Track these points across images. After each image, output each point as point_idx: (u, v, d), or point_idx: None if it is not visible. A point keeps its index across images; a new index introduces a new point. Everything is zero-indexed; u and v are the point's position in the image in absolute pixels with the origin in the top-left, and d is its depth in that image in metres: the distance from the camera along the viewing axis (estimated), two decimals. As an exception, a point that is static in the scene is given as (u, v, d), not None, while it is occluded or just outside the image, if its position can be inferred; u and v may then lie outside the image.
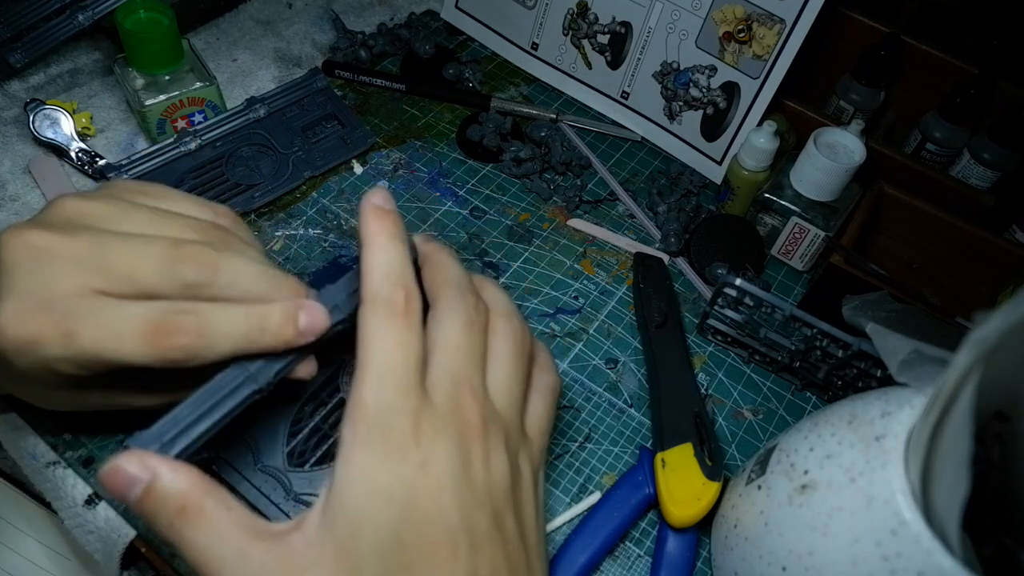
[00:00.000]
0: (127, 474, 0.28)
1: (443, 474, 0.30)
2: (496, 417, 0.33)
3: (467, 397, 0.32)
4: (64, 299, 0.30)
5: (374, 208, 0.33)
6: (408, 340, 0.31)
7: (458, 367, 0.32)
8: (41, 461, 0.43)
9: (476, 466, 0.31)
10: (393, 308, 0.31)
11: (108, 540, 0.41)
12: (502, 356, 0.34)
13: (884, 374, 0.46)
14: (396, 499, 0.29)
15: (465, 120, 0.63)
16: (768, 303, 0.47)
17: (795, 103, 0.59)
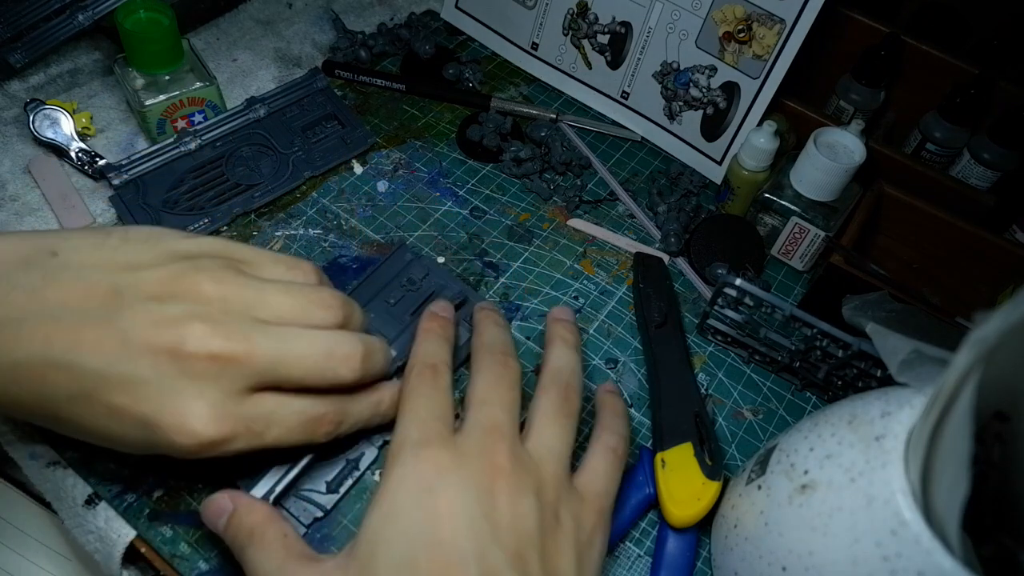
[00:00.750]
0: (218, 505, 0.36)
1: (460, 504, 0.32)
2: (529, 463, 0.35)
3: (495, 440, 0.35)
4: (249, 401, 0.35)
5: (430, 313, 0.43)
6: (431, 395, 0.37)
7: (486, 417, 0.36)
8: (41, 461, 0.43)
9: (500, 504, 0.33)
10: (422, 376, 0.38)
11: (108, 540, 0.41)
12: (542, 410, 0.38)
13: (884, 374, 0.46)
14: (412, 521, 0.32)
15: (465, 120, 0.63)
16: (768, 303, 0.47)
17: (795, 103, 0.59)
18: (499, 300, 0.52)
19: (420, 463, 0.34)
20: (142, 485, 0.42)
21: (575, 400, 0.39)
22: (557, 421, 0.38)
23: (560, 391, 0.39)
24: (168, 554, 0.40)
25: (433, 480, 0.33)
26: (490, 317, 0.43)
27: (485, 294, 0.52)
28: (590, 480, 0.38)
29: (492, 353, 0.39)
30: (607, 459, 0.39)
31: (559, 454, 0.37)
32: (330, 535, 0.41)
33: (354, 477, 0.43)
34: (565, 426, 0.38)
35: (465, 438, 0.35)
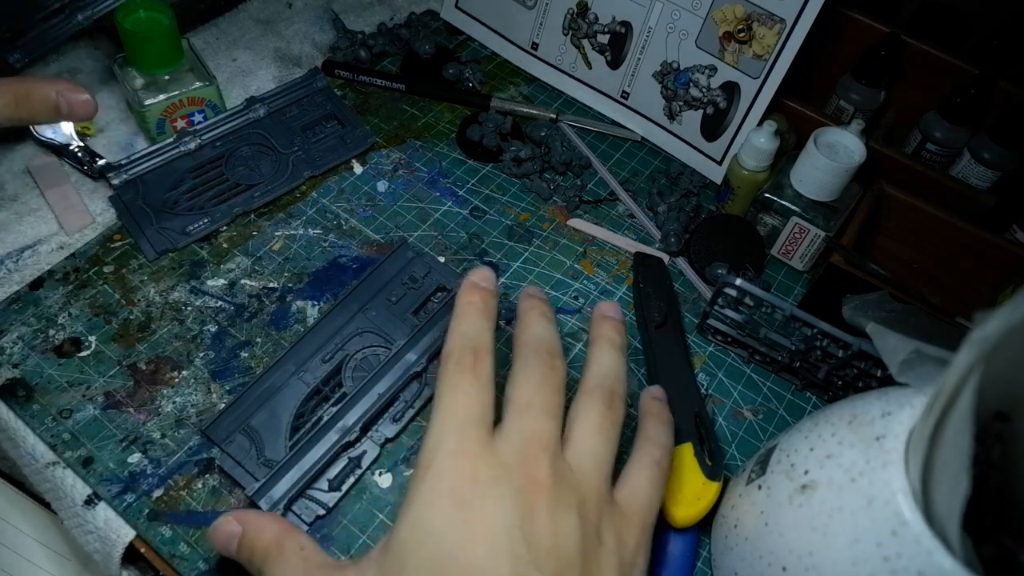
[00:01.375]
0: (226, 530, 0.35)
1: (497, 522, 0.30)
2: (570, 477, 0.33)
3: (536, 451, 0.32)
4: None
5: (470, 284, 0.37)
6: (471, 390, 0.33)
7: (528, 423, 0.33)
8: (41, 461, 0.43)
9: (539, 522, 0.31)
10: (462, 364, 0.34)
11: (107, 540, 0.41)
12: (585, 417, 0.35)
13: (884, 374, 0.46)
14: (444, 540, 0.30)
15: (465, 120, 0.63)
16: (768, 303, 0.47)
17: (795, 103, 0.59)
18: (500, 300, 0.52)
19: (456, 475, 0.31)
20: (142, 485, 0.42)
21: (620, 408, 0.36)
22: (602, 430, 0.35)
23: (605, 397, 0.36)
24: (168, 554, 0.40)
25: (468, 495, 0.31)
26: (537, 308, 0.38)
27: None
28: (633, 494, 0.36)
29: (539, 353, 0.36)
30: (651, 472, 0.37)
31: (602, 467, 0.34)
32: (330, 535, 0.41)
33: (356, 475, 0.43)
34: (610, 435, 0.35)
35: (505, 446, 0.32)
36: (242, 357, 0.47)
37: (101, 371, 0.45)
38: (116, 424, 0.44)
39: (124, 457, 0.43)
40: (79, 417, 0.44)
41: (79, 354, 0.46)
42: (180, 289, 0.50)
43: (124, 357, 0.46)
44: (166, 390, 0.45)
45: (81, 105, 0.44)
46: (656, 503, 0.36)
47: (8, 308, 0.47)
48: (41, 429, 0.43)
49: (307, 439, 0.42)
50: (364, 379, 0.44)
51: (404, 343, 0.46)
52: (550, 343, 0.37)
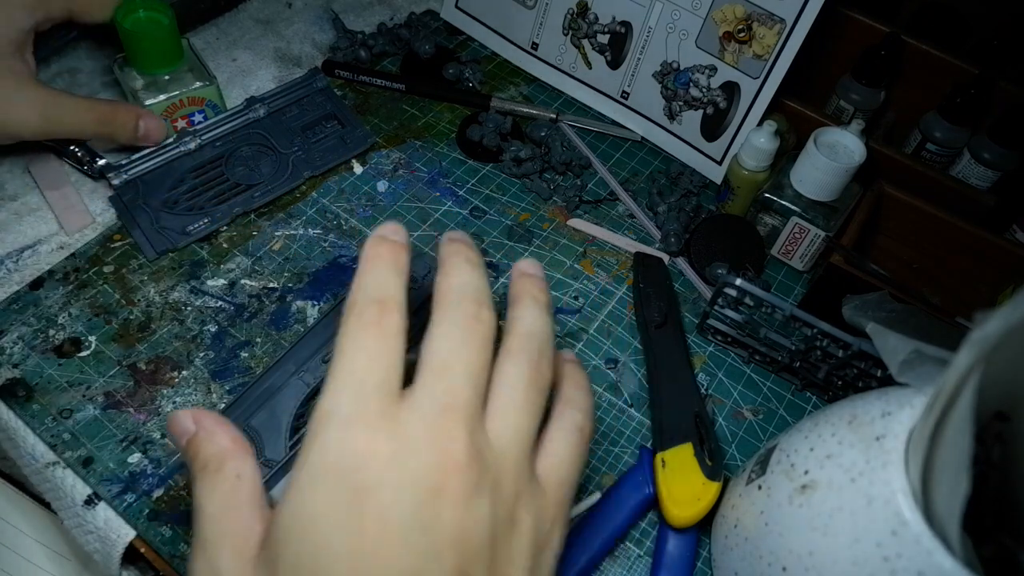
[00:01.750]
0: (181, 425, 0.31)
1: (394, 513, 0.26)
2: (487, 454, 0.28)
3: (451, 424, 0.27)
4: None
5: (377, 236, 0.32)
6: (375, 348, 0.28)
7: (445, 390, 0.28)
8: (41, 461, 0.43)
9: (445, 510, 0.26)
10: (364, 317, 0.29)
11: (107, 540, 0.41)
12: (510, 385, 0.30)
13: (884, 374, 0.46)
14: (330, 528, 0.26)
15: (465, 120, 0.63)
16: (768, 303, 0.47)
17: (795, 103, 0.59)
18: (499, 300, 0.52)
19: (348, 450, 0.26)
20: (142, 485, 0.42)
21: (548, 372, 0.32)
22: (527, 400, 0.30)
23: (532, 360, 0.31)
24: (168, 554, 0.40)
25: (363, 475, 0.26)
26: (461, 252, 0.33)
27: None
28: (553, 467, 0.31)
29: (462, 301, 0.31)
30: (572, 441, 0.33)
31: (524, 441, 0.30)
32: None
33: None
34: (535, 404, 0.31)
35: (414, 416, 0.27)
36: (242, 357, 0.47)
37: (101, 371, 0.45)
38: (116, 424, 0.44)
39: (124, 457, 0.43)
40: (79, 417, 0.44)
41: (79, 354, 0.46)
42: (180, 289, 0.50)
43: (124, 357, 0.46)
44: (166, 390, 0.45)
45: (156, 129, 0.52)
46: (577, 477, 0.33)
47: (8, 308, 0.47)
48: (41, 429, 0.43)
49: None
50: (364, 379, 0.44)
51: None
52: (476, 290, 0.31)
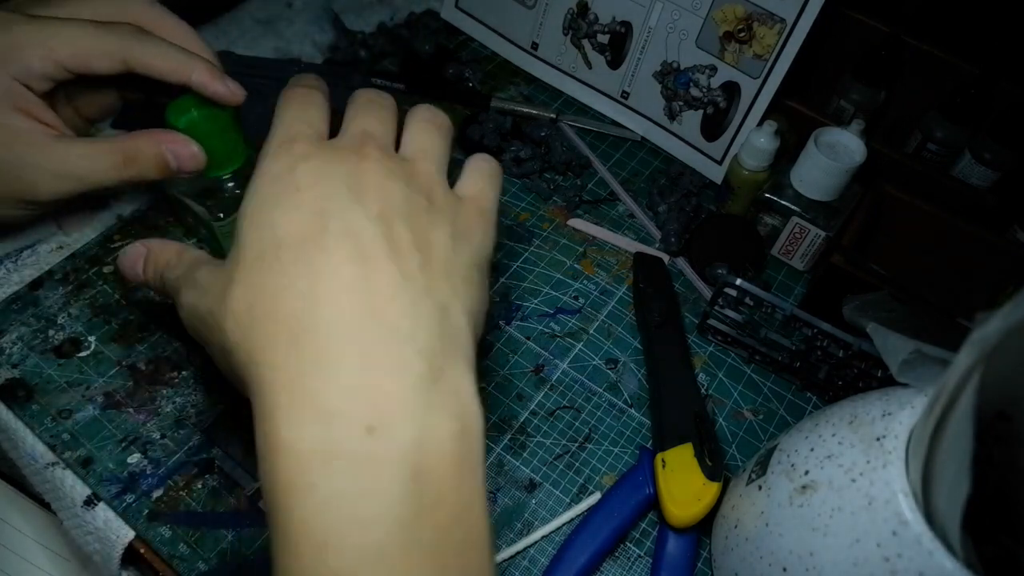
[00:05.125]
0: (132, 254, 0.37)
1: (320, 174, 0.31)
2: (401, 160, 0.33)
3: (365, 141, 0.33)
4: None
5: (292, 83, 0.37)
6: (304, 106, 0.35)
7: (358, 125, 0.34)
8: (40, 462, 0.43)
9: (366, 178, 0.31)
10: (294, 91, 0.36)
11: (107, 541, 0.41)
12: (414, 123, 0.36)
13: (885, 374, 0.45)
14: (271, 196, 0.31)
15: (465, 120, 0.63)
16: (768, 303, 0.47)
17: (795, 103, 0.58)
18: (499, 300, 0.52)
19: (285, 154, 0.32)
20: (141, 485, 0.42)
21: (445, 118, 0.37)
22: (429, 130, 0.36)
23: (430, 114, 0.37)
24: (167, 555, 0.40)
25: (297, 162, 0.31)
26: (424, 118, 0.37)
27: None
28: (467, 185, 0.36)
29: (367, 95, 0.37)
30: (482, 169, 0.37)
31: (433, 156, 0.35)
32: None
33: None
34: (439, 135, 0.36)
35: (338, 142, 0.33)
36: (242, 357, 0.47)
37: (101, 371, 0.45)
38: (116, 424, 0.44)
39: (124, 457, 0.42)
40: (79, 417, 0.44)
41: (79, 354, 0.46)
42: (180, 289, 0.50)
43: (124, 357, 0.46)
44: (166, 390, 0.45)
45: (190, 158, 0.43)
46: (492, 194, 0.36)
47: (7, 308, 0.47)
48: (40, 429, 0.43)
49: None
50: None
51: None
52: (379, 94, 0.37)
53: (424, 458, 0.26)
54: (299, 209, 0.30)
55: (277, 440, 0.26)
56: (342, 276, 0.28)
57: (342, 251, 0.29)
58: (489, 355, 0.50)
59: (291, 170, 0.31)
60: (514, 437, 0.46)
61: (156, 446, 0.43)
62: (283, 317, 0.28)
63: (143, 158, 0.42)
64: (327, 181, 0.31)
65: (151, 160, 0.42)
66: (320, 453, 0.26)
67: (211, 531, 0.41)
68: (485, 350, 0.50)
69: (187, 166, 0.43)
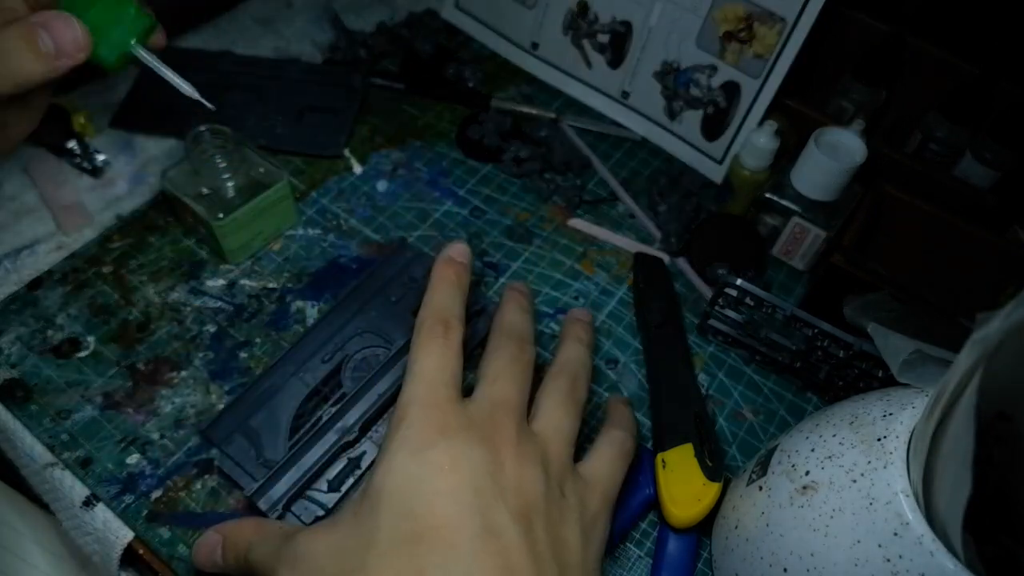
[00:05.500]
0: (208, 543, 0.37)
1: (464, 462, 0.32)
2: (534, 439, 0.35)
3: (503, 414, 0.35)
4: None
5: (446, 257, 0.41)
6: (442, 354, 0.36)
7: (497, 391, 0.36)
8: (39, 462, 0.42)
9: (506, 467, 0.33)
10: (434, 332, 0.37)
11: (106, 541, 0.41)
12: (550, 394, 0.38)
13: (886, 374, 0.45)
14: (412, 476, 0.32)
15: (465, 120, 0.63)
16: (769, 303, 0.47)
17: (796, 103, 0.58)
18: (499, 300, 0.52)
19: (426, 423, 0.33)
20: (140, 486, 0.42)
21: (583, 390, 0.40)
22: (564, 406, 0.38)
23: (569, 379, 0.39)
24: (166, 555, 0.40)
25: (437, 438, 0.33)
26: (516, 300, 0.43)
27: (485, 294, 0.52)
28: (595, 466, 0.38)
29: (510, 336, 0.39)
30: (613, 450, 0.39)
31: (565, 436, 0.37)
32: (329, 536, 0.41)
33: (355, 476, 0.42)
34: (572, 412, 0.38)
35: (473, 407, 0.35)
36: (241, 358, 0.47)
37: (100, 372, 0.45)
38: (115, 425, 0.43)
39: (123, 458, 0.42)
40: (77, 418, 0.43)
41: (77, 354, 0.46)
42: (179, 289, 0.50)
43: (123, 358, 0.46)
44: (165, 391, 0.45)
45: (71, 39, 0.36)
46: (618, 479, 0.38)
47: (6, 308, 0.47)
48: (39, 430, 0.43)
49: (306, 439, 0.41)
50: (364, 379, 0.44)
51: (404, 343, 0.46)
52: (523, 329, 0.40)
53: None
54: (440, 497, 0.31)
55: None
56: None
57: (485, 551, 0.30)
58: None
59: (432, 446, 0.32)
60: (514, 437, 0.46)
61: (155, 446, 0.43)
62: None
63: (9, 46, 0.35)
64: (468, 466, 0.32)
65: (21, 49, 0.35)
66: None
67: (210, 532, 0.40)
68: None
69: (70, 50, 0.36)
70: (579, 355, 0.42)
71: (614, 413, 0.43)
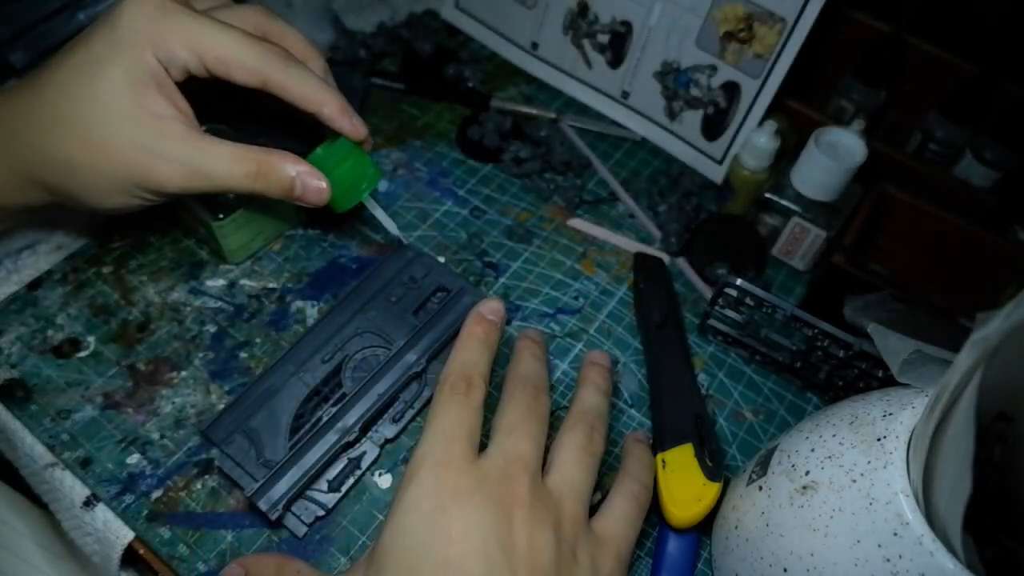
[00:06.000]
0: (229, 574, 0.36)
1: (473, 526, 0.32)
2: (549, 499, 0.35)
3: (517, 470, 0.34)
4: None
5: (478, 315, 0.41)
6: (461, 412, 0.36)
7: (512, 445, 0.35)
8: (39, 463, 0.42)
9: (516, 532, 0.32)
10: (456, 389, 0.37)
11: (106, 542, 0.41)
12: (566, 447, 0.38)
13: (886, 375, 0.45)
14: (421, 540, 0.32)
15: (465, 120, 0.63)
16: (769, 303, 0.47)
17: (796, 103, 0.58)
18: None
19: (438, 483, 0.33)
20: (141, 486, 0.42)
21: (599, 442, 0.39)
22: (580, 459, 0.37)
23: (586, 430, 0.39)
24: (167, 555, 0.40)
25: (448, 501, 0.32)
26: (530, 348, 0.42)
27: (485, 294, 0.52)
28: (609, 524, 0.37)
29: (526, 385, 0.39)
30: (628, 505, 0.38)
31: (580, 492, 0.36)
32: (330, 536, 0.41)
33: (355, 476, 0.43)
34: (588, 465, 0.37)
35: (488, 464, 0.34)
36: (241, 358, 0.47)
37: (100, 372, 0.45)
38: (115, 425, 0.43)
39: (123, 458, 0.42)
40: (78, 418, 0.43)
41: (78, 354, 0.46)
42: (179, 289, 0.50)
43: (123, 358, 0.46)
44: (165, 391, 0.45)
45: (315, 193, 0.43)
46: (632, 537, 0.38)
47: (6, 308, 0.47)
48: (39, 430, 0.43)
49: (306, 440, 0.41)
50: (364, 379, 0.44)
51: (404, 343, 0.46)
52: (537, 378, 0.40)
53: None
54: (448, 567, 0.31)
55: None
56: None
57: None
58: (489, 355, 0.50)
59: (443, 510, 0.32)
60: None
61: (155, 447, 0.43)
62: None
63: (275, 177, 0.41)
64: (478, 534, 0.32)
65: (281, 181, 0.41)
66: None
67: (211, 532, 0.41)
68: (485, 350, 0.50)
69: (310, 198, 0.43)
70: (597, 403, 0.41)
71: (630, 460, 0.41)
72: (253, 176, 0.41)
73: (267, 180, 0.41)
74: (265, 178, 0.41)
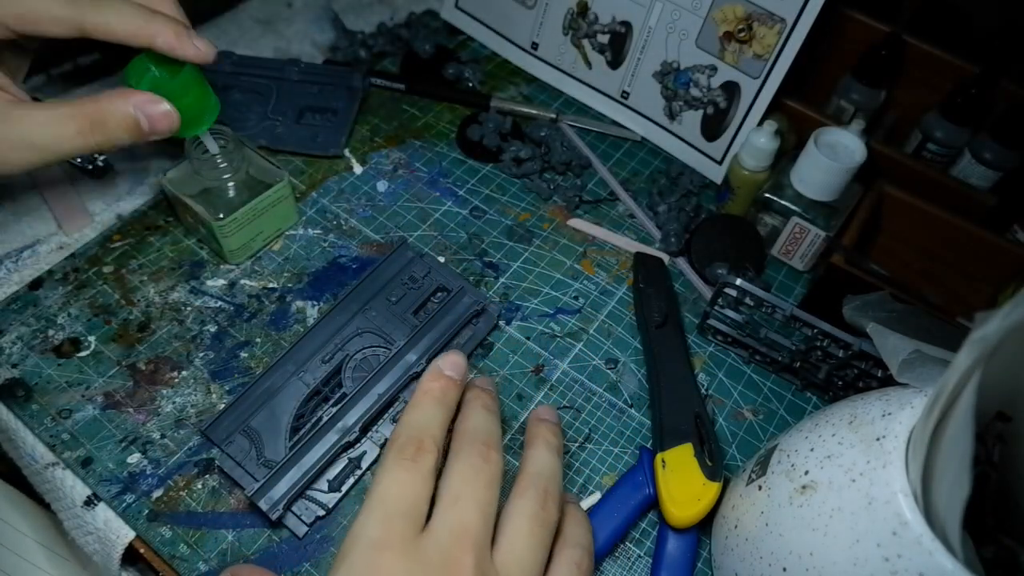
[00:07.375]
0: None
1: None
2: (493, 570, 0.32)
3: (462, 550, 0.31)
4: None
5: (435, 371, 0.37)
6: (407, 481, 0.32)
7: (457, 518, 0.32)
8: (40, 462, 0.43)
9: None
10: (403, 453, 0.33)
11: (107, 541, 0.41)
12: (516, 516, 0.34)
13: (885, 374, 0.45)
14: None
15: (465, 120, 0.63)
16: (768, 303, 0.47)
17: (795, 103, 0.58)
18: (499, 300, 0.52)
19: (371, 568, 0.30)
20: (141, 486, 0.42)
21: (553, 510, 0.35)
22: (532, 532, 0.34)
23: (539, 497, 0.35)
24: (167, 555, 0.40)
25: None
26: (480, 399, 0.38)
27: (485, 294, 0.52)
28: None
29: (474, 443, 0.35)
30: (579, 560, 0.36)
31: (530, 564, 0.33)
32: (330, 535, 0.41)
33: (355, 476, 0.43)
34: (540, 538, 0.34)
35: (430, 543, 0.31)
36: (242, 357, 0.47)
37: (100, 371, 0.45)
38: (116, 424, 0.44)
39: (123, 457, 0.42)
40: (78, 417, 0.44)
41: (78, 354, 0.46)
42: (180, 289, 0.50)
43: (123, 357, 0.46)
44: (166, 390, 0.45)
45: (162, 119, 0.39)
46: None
47: (7, 308, 0.47)
48: (40, 429, 0.43)
49: (307, 440, 0.41)
50: (364, 379, 0.44)
51: (404, 343, 0.46)
52: (487, 434, 0.36)
53: None
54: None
55: None
56: None
57: None
58: (489, 355, 0.50)
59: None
60: (514, 437, 0.46)
61: (156, 446, 0.43)
62: None
63: (111, 121, 0.38)
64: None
65: (120, 123, 0.38)
66: None
67: (211, 531, 0.41)
68: (485, 350, 0.50)
69: (160, 126, 0.39)
70: (549, 464, 0.37)
71: (567, 522, 0.37)
72: (87, 131, 0.37)
73: (106, 129, 0.37)
74: (103, 128, 0.37)
